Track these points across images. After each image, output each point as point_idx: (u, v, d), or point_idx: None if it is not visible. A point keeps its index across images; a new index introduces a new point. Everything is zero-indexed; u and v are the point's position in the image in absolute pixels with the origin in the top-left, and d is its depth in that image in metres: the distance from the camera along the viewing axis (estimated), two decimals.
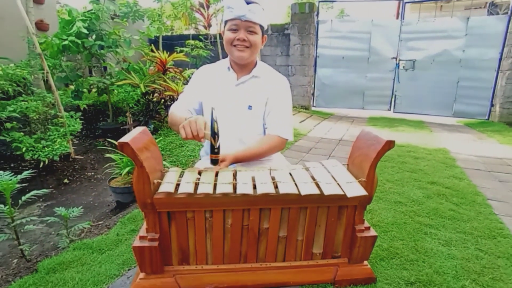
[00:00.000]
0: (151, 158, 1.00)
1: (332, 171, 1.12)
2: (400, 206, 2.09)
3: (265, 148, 1.32)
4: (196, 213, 1.02)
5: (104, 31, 4.15)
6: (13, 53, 3.81)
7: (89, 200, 2.62)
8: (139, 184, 0.95)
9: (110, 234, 1.87)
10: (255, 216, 1.04)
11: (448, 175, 2.76)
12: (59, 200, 2.59)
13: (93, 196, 2.69)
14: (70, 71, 4.39)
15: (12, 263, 1.71)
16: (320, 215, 1.07)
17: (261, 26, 1.28)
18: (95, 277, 1.38)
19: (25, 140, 2.65)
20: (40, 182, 2.79)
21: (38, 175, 2.85)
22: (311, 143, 4.17)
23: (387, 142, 0.98)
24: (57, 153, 2.71)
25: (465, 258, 1.49)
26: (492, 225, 1.84)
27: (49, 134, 2.89)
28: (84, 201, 2.57)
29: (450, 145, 4.03)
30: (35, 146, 2.68)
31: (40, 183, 2.78)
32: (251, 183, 1.01)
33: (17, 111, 2.65)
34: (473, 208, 2.09)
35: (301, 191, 0.96)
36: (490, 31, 5.74)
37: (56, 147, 2.75)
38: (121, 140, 0.88)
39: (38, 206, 2.46)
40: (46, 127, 3.01)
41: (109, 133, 4.30)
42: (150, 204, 0.97)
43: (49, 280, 1.37)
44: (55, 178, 2.92)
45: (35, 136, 2.80)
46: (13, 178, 1.59)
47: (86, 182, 2.99)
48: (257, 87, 1.37)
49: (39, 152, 2.64)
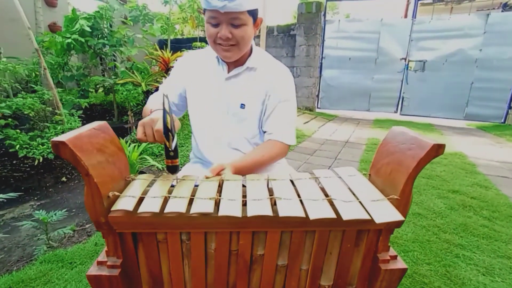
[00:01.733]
0: (105, 163, 0.73)
1: (350, 183, 0.84)
2: (420, 219, 1.82)
3: (267, 157, 1.06)
4: (168, 235, 0.76)
5: (108, 30, 4.10)
6: (25, 53, 3.88)
7: (83, 200, 2.44)
8: (88, 198, 0.70)
9: (88, 243, 1.70)
10: (246, 240, 0.77)
11: (471, 183, 2.47)
12: (54, 199, 2.45)
13: None
14: (77, 70, 4.38)
15: None
16: (332, 241, 0.80)
17: (249, 12, 0.94)
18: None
19: (19, 138, 2.55)
20: (37, 180, 2.69)
21: (36, 173, 2.77)
22: (316, 145, 3.92)
23: (433, 146, 0.67)
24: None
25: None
26: None
27: (45, 131, 2.80)
28: (79, 201, 2.44)
29: (466, 149, 3.74)
30: (30, 144, 2.58)
31: (36, 181, 2.68)
32: (240, 199, 0.75)
33: (13, 108, 2.54)
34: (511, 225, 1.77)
35: (309, 214, 0.68)
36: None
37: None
38: (56, 139, 0.62)
39: (31, 205, 2.32)
40: (44, 125, 2.91)
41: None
42: (105, 224, 0.73)
43: None
44: (53, 176, 2.81)
45: (31, 134, 2.70)
46: None
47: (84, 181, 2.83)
48: (252, 81, 1.09)
49: (34, 150, 2.54)
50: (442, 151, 0.69)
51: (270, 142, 1.09)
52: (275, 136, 1.09)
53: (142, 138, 0.82)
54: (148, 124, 0.81)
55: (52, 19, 5.29)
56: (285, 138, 1.09)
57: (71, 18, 3.83)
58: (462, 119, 6.10)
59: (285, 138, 1.09)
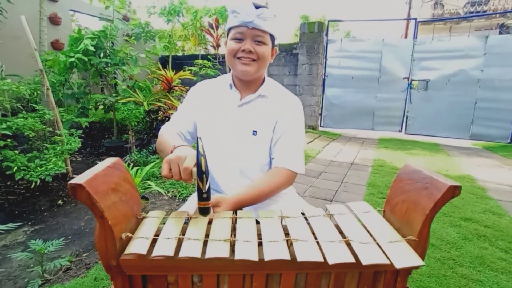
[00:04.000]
0: (119, 202, 0.70)
1: (365, 221, 0.79)
2: (434, 250, 1.72)
3: (273, 186, 1.01)
4: (180, 277, 0.71)
5: (112, 49, 4.12)
6: (27, 71, 3.95)
7: (81, 224, 2.36)
8: (101, 241, 0.65)
9: (87, 278, 1.60)
10: (260, 282, 0.72)
11: (483, 209, 2.38)
12: (49, 224, 2.35)
13: (85, 221, 2.42)
14: (78, 88, 4.38)
15: None
16: (349, 282, 0.75)
17: (271, 36, 1.04)
18: None
19: (18, 159, 2.47)
20: (32, 204, 2.59)
21: (31, 196, 2.68)
22: (321, 167, 3.85)
23: (450, 188, 0.65)
24: (50, 173, 2.53)
25: None
26: None
27: (44, 152, 2.73)
28: (75, 226, 2.32)
29: (475, 172, 3.65)
30: (28, 165, 2.50)
31: (31, 204, 2.58)
32: (256, 241, 0.69)
33: (13, 128, 2.50)
34: None
35: (328, 259, 0.63)
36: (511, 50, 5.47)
37: (50, 166, 2.56)
38: (74, 181, 0.58)
39: (24, 231, 2.21)
40: (43, 145, 2.85)
41: (112, 151, 4.23)
42: (116, 267, 0.67)
43: None
44: (48, 199, 2.70)
45: (30, 155, 2.63)
46: None
47: (81, 204, 2.71)
48: (264, 108, 1.09)
49: (31, 172, 2.45)
50: (459, 192, 0.66)
51: (277, 169, 1.05)
52: (282, 163, 1.05)
53: (167, 175, 0.80)
54: (174, 162, 0.79)
55: (55, 36, 5.41)
56: (292, 166, 1.05)
57: (76, 38, 3.86)
58: (468, 139, 6.03)
59: (292, 165, 1.05)
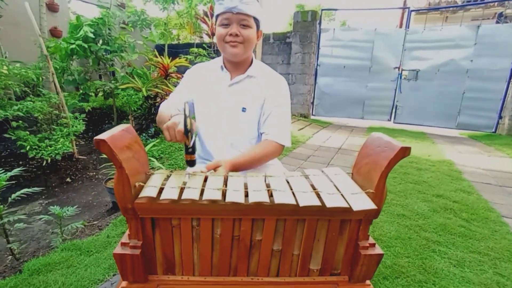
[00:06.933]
0: (133, 158, 0.89)
1: (335, 180, 1.00)
2: (404, 219, 1.96)
3: (262, 154, 1.20)
4: (182, 221, 0.92)
5: (110, 36, 4.22)
6: (28, 57, 4.02)
7: (88, 199, 2.64)
8: (119, 187, 0.85)
9: (101, 235, 1.84)
10: (246, 226, 0.92)
11: (455, 188, 2.62)
12: (60, 198, 2.62)
13: (92, 196, 2.70)
14: (78, 75, 4.51)
15: (7, 260, 1.69)
16: (320, 229, 0.95)
17: (255, 19, 1.16)
18: (79, 281, 1.34)
19: (29, 139, 2.69)
20: (44, 180, 2.85)
21: (42, 173, 2.92)
22: (310, 151, 4.06)
23: (401, 149, 0.85)
24: (60, 152, 2.75)
25: (483, 283, 1.34)
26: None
27: (53, 133, 2.95)
28: (84, 200, 2.59)
29: (455, 157, 3.90)
30: (39, 145, 2.72)
31: (43, 181, 2.84)
32: (243, 190, 0.90)
33: (23, 111, 2.69)
34: (486, 225, 1.92)
35: (299, 202, 0.84)
36: (502, 39, 5.51)
37: (59, 146, 2.79)
38: (98, 137, 0.78)
39: (39, 203, 2.48)
40: (51, 127, 3.06)
41: None
42: (131, 209, 0.87)
43: (31, 283, 1.32)
44: (58, 176, 2.97)
45: (40, 136, 2.84)
46: (1, 175, 1.56)
47: (87, 182, 3.02)
48: (252, 87, 1.25)
49: (43, 151, 2.68)
50: (409, 152, 0.85)
51: (266, 141, 1.22)
52: (271, 136, 1.22)
53: (169, 140, 0.99)
54: (171, 127, 0.98)
55: (53, 24, 5.42)
56: (279, 139, 1.23)
57: (76, 24, 3.96)
58: (455, 128, 6.19)
59: (279, 138, 1.23)
